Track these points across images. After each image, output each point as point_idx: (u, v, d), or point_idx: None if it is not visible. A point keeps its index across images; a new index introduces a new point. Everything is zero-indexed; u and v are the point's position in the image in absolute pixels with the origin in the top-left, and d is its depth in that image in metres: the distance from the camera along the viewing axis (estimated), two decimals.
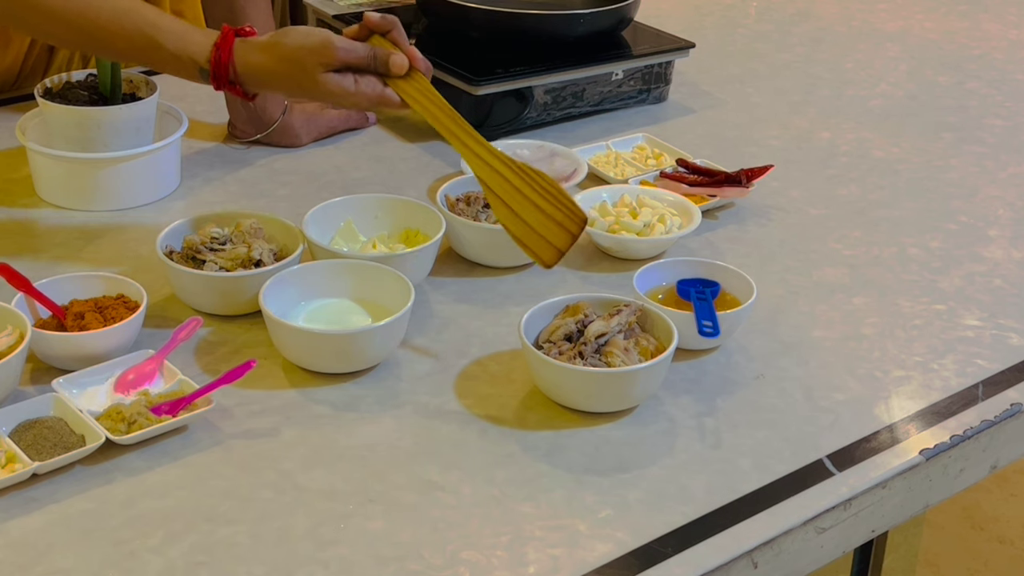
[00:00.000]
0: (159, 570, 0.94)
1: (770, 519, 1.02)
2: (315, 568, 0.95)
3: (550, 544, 0.98)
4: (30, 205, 1.43)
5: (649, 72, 1.75)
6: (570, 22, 1.68)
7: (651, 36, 1.79)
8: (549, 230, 1.19)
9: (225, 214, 1.30)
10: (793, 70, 1.96)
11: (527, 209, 1.19)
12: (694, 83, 1.86)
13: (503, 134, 1.62)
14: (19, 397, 1.08)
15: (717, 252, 1.40)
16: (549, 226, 1.19)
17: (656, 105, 1.78)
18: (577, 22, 1.68)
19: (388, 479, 1.04)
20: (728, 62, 1.97)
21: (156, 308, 1.22)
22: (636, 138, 1.64)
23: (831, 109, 1.82)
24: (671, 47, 1.76)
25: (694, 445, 1.10)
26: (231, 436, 1.08)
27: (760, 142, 1.70)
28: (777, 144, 1.70)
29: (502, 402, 1.14)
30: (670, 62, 1.77)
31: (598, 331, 1.14)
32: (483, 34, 1.67)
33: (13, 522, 0.97)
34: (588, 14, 1.70)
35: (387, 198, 1.37)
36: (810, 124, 1.76)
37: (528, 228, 1.19)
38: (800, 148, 1.69)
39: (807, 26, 2.16)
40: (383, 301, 1.20)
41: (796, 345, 1.25)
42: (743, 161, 1.57)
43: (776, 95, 1.86)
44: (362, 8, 1.79)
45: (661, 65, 1.76)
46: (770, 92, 1.87)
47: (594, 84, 1.70)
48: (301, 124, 1.60)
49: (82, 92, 1.43)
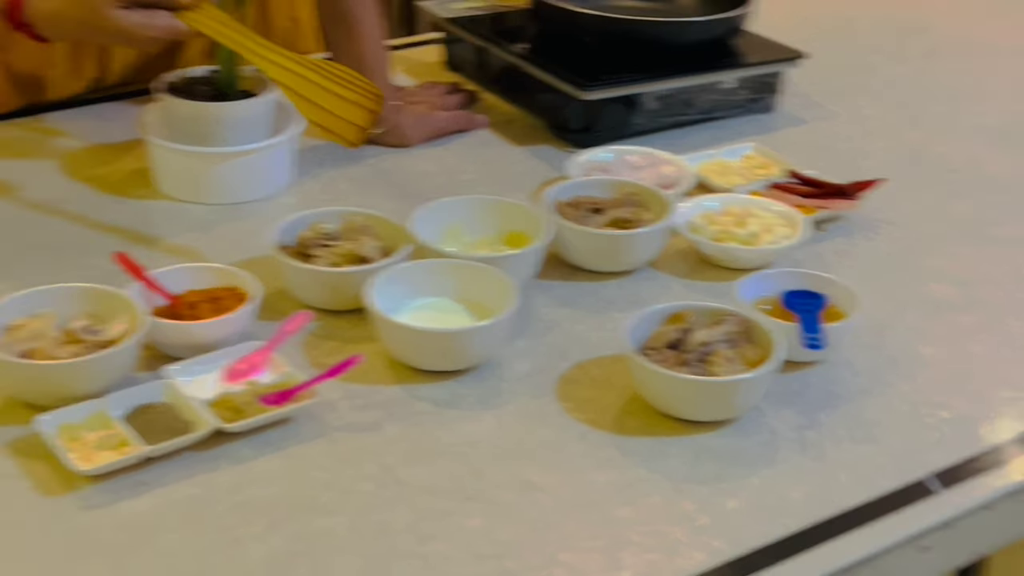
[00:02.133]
0: (261, 557, 0.96)
1: (871, 535, 1.01)
2: (413, 562, 0.96)
3: (647, 549, 0.98)
4: (149, 197, 1.47)
5: (760, 81, 1.74)
6: (682, 29, 1.67)
7: (763, 45, 1.78)
8: (348, 111, 1.30)
9: (335, 211, 1.33)
10: (907, 83, 1.94)
11: (324, 97, 1.30)
12: (805, 94, 1.84)
13: (611, 140, 1.62)
14: (133, 382, 1.11)
15: (824, 264, 1.39)
16: (348, 108, 1.30)
17: (766, 115, 1.76)
18: (689, 29, 1.67)
19: (487, 477, 1.05)
20: (841, 73, 1.95)
21: (267, 301, 1.24)
22: (745, 147, 1.63)
23: (945, 124, 1.79)
24: (783, 57, 1.75)
25: (795, 457, 1.09)
26: (334, 429, 1.10)
27: (871, 155, 1.68)
28: (889, 158, 1.68)
29: (602, 406, 1.14)
30: (781, 72, 1.75)
31: (702, 340, 1.14)
32: (594, 40, 1.67)
33: (123, 504, 1.00)
34: (700, 22, 1.69)
35: (494, 200, 1.38)
36: (923, 138, 1.74)
37: (328, 114, 1.30)
38: (912, 162, 1.67)
39: (923, 39, 2.13)
40: (487, 302, 1.21)
41: (902, 360, 1.23)
42: (853, 174, 1.55)
43: (889, 108, 1.84)
44: (477, 11, 1.81)
45: (772, 75, 1.74)
46: (883, 105, 1.85)
47: (704, 92, 1.69)
48: (411, 125, 1.62)
49: (202, 87, 1.46)
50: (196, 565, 0.95)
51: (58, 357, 1.08)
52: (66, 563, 0.94)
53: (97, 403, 1.07)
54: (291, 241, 1.29)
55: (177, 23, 1.28)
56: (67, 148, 1.57)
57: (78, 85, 1.66)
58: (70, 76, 1.64)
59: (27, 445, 1.05)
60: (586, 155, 1.55)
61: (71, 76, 1.64)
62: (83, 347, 1.10)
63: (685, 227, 1.38)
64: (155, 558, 0.95)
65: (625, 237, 1.34)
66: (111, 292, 1.16)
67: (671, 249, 1.39)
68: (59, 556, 0.95)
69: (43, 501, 1.00)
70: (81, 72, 1.65)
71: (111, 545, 0.96)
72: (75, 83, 1.66)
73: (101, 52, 1.65)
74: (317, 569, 0.95)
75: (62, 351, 1.09)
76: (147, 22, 1.27)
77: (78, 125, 1.62)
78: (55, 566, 0.94)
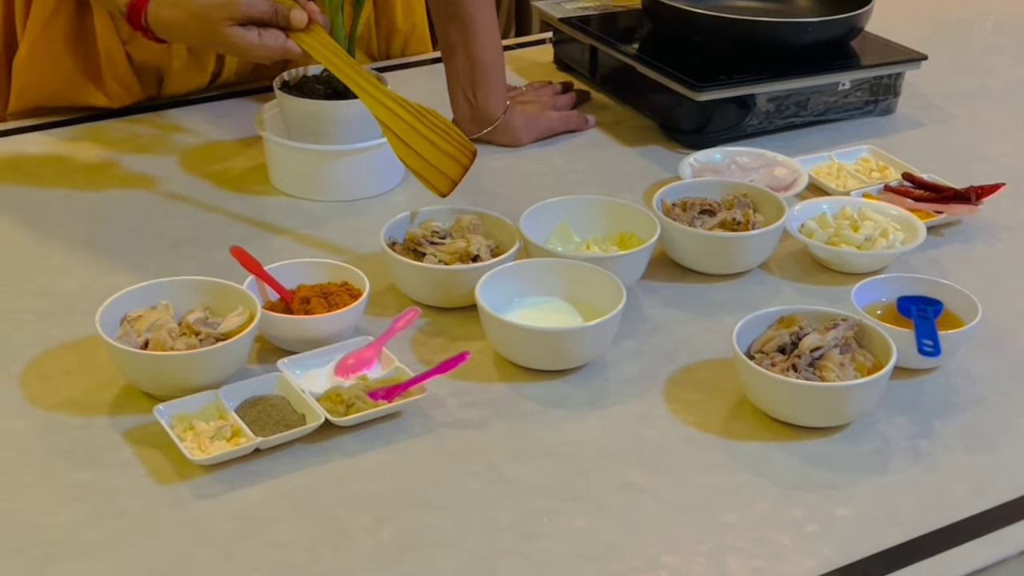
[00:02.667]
0: (368, 549, 0.97)
1: (983, 547, 0.98)
2: (517, 560, 0.96)
3: (752, 556, 0.97)
4: (263, 193, 1.50)
5: (877, 83, 1.71)
6: (798, 30, 1.65)
7: (880, 46, 1.74)
8: (443, 163, 1.32)
9: (446, 209, 1.34)
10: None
11: (422, 144, 1.32)
12: (924, 96, 1.81)
13: (723, 141, 1.61)
14: (246, 375, 1.14)
15: (941, 270, 1.36)
16: (442, 159, 1.32)
17: (883, 117, 1.73)
18: (805, 30, 1.65)
19: (592, 478, 1.05)
20: (961, 76, 1.91)
21: (377, 297, 1.26)
22: (860, 150, 1.60)
23: None
24: (901, 58, 1.72)
25: (907, 466, 1.07)
26: (442, 425, 1.11)
27: (991, 159, 1.64)
28: (1009, 162, 1.63)
29: (709, 410, 1.14)
30: (899, 74, 1.72)
31: (813, 344, 1.12)
32: (707, 40, 1.66)
33: (235, 493, 1.02)
34: (817, 22, 1.67)
35: (603, 200, 1.38)
36: None
37: (424, 161, 1.32)
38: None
39: None
40: (595, 302, 1.21)
41: (1020, 370, 1.20)
42: (972, 178, 1.52)
43: (1010, 112, 1.79)
44: (588, 11, 1.81)
45: (890, 76, 1.71)
46: (1004, 108, 1.80)
47: (819, 93, 1.67)
48: (521, 124, 1.63)
49: (317, 86, 1.49)
50: (304, 555, 0.96)
51: (175, 348, 1.11)
52: (178, 550, 0.96)
53: (212, 394, 1.09)
54: (401, 238, 1.31)
55: (290, 44, 1.32)
56: (186, 144, 1.61)
57: (200, 79, 1.70)
58: (191, 69, 1.68)
59: (144, 434, 1.08)
60: (697, 156, 1.54)
61: (192, 69, 1.68)
62: (199, 339, 1.13)
63: (797, 230, 1.37)
64: (264, 548, 0.97)
65: (736, 239, 1.33)
66: (227, 285, 1.18)
67: (783, 252, 1.38)
68: (172, 543, 0.97)
69: (158, 489, 1.02)
70: (202, 65, 1.68)
71: (222, 534, 0.98)
72: (197, 76, 1.69)
73: None
74: (423, 563, 0.96)
75: (179, 342, 1.12)
76: (260, 42, 1.31)
77: (196, 121, 1.66)
78: (167, 553, 0.96)
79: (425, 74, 1.81)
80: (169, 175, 1.53)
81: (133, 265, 1.32)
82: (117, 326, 1.14)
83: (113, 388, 1.13)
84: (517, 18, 2.83)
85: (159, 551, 0.96)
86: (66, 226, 1.41)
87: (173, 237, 1.40)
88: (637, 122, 1.70)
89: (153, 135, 1.63)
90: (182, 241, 1.39)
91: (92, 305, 1.15)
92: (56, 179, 1.51)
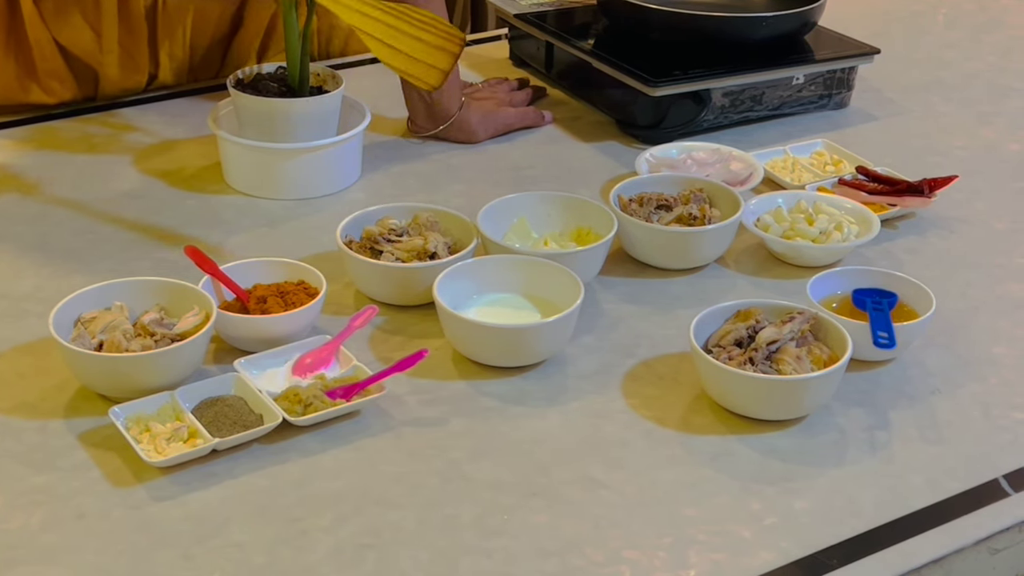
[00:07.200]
0: (329, 549, 0.96)
1: (941, 537, 0.99)
2: (479, 557, 0.96)
3: (713, 549, 0.98)
4: (218, 192, 1.49)
5: (831, 77, 1.72)
6: (752, 25, 1.66)
7: (834, 40, 1.76)
8: (430, 55, 1.27)
9: (402, 207, 1.33)
10: (982, 79, 1.90)
11: (406, 42, 1.26)
12: (877, 89, 1.82)
13: (679, 136, 1.61)
14: (203, 375, 1.13)
15: (895, 262, 1.37)
16: (430, 52, 1.27)
17: (837, 111, 1.75)
18: (759, 25, 1.66)
19: (552, 474, 1.05)
20: (914, 69, 1.92)
21: (334, 295, 1.25)
22: (815, 144, 1.61)
23: (1020, 121, 1.76)
24: (854, 52, 1.73)
25: (864, 458, 1.08)
26: (401, 423, 1.10)
27: (945, 152, 1.66)
28: (963, 155, 1.65)
29: (668, 404, 1.14)
30: (853, 68, 1.73)
31: (770, 338, 1.13)
32: (662, 35, 1.66)
33: (193, 495, 1.01)
34: (771, 17, 1.67)
35: (560, 196, 1.38)
36: (998, 135, 1.71)
37: (410, 59, 1.27)
38: (987, 160, 1.64)
39: (998, 35, 2.09)
40: (553, 298, 1.21)
41: (975, 361, 1.21)
42: (926, 171, 1.53)
43: (963, 104, 1.81)
44: (544, 7, 1.81)
45: (843, 70, 1.72)
46: (957, 101, 1.82)
47: (773, 88, 1.67)
48: (478, 121, 1.63)
49: (272, 84, 1.48)
50: (264, 556, 0.95)
51: (130, 350, 1.10)
52: (136, 553, 0.95)
53: (168, 395, 1.08)
54: (358, 236, 1.30)
55: None
56: (139, 143, 1.59)
57: (136, 79, 1.68)
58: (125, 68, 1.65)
59: (99, 437, 1.07)
60: (653, 151, 1.54)
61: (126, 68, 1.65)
62: (154, 340, 1.12)
63: (753, 224, 1.37)
64: (224, 549, 0.96)
65: (692, 234, 1.33)
66: (182, 286, 1.17)
67: (739, 246, 1.39)
68: (130, 546, 0.96)
69: (115, 492, 1.01)
70: (135, 65, 1.66)
71: (181, 536, 0.97)
72: (133, 76, 1.67)
73: (152, 50, 1.67)
74: (384, 562, 0.95)
75: (134, 344, 1.11)
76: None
77: (150, 120, 1.65)
78: (126, 556, 0.95)
79: (378, 71, 1.80)
80: (123, 175, 1.52)
81: (87, 266, 1.31)
82: (71, 328, 1.13)
83: (68, 391, 1.12)
84: (472, 14, 2.82)
85: (117, 554, 0.95)
86: (18, 227, 1.39)
87: (127, 237, 1.38)
88: (593, 118, 1.70)
89: (106, 135, 1.61)
90: (136, 241, 1.37)
91: (46, 307, 1.14)
92: (7, 181, 1.49)
